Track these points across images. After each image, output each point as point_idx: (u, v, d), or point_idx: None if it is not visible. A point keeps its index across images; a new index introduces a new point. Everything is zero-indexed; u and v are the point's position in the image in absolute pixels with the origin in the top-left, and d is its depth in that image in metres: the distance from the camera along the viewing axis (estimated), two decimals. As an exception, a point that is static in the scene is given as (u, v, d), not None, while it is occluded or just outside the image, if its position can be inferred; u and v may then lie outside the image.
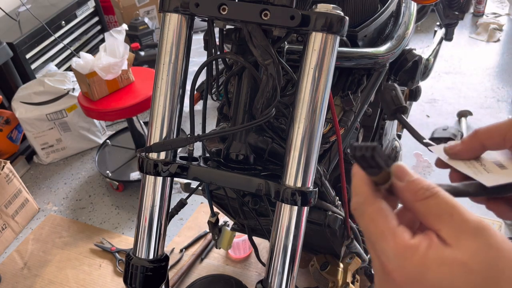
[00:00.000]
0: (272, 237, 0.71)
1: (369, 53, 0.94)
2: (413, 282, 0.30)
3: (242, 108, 0.76)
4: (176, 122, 0.73)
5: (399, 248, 0.31)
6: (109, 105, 1.99)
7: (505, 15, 3.33)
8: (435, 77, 2.74)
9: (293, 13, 0.63)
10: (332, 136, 0.90)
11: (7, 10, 2.52)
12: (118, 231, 2.02)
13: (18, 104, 2.28)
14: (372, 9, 1.04)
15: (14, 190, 2.03)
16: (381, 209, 0.33)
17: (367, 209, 0.33)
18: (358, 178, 0.35)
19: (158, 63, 0.71)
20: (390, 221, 0.32)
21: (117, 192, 2.22)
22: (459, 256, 0.30)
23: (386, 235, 0.32)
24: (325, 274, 1.18)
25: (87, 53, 2.04)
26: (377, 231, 0.33)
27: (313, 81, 0.65)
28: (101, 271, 1.83)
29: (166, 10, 0.69)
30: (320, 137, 0.68)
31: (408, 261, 0.31)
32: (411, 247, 0.31)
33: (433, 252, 0.30)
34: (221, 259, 1.81)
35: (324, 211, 0.96)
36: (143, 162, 0.73)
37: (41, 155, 2.44)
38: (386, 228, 0.32)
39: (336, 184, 1.06)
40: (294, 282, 0.72)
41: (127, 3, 3.08)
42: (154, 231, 0.76)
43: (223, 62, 0.80)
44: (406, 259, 0.31)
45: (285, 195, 0.68)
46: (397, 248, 0.31)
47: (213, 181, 0.75)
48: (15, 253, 1.96)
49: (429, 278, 0.30)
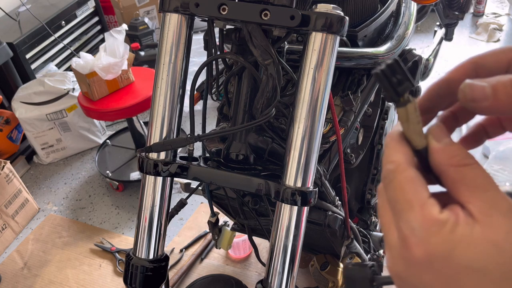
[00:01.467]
0: (272, 237, 0.71)
1: (369, 53, 0.94)
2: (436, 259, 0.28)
3: (242, 108, 0.76)
4: (176, 122, 0.73)
5: (426, 220, 0.28)
6: (109, 105, 1.99)
7: (505, 15, 3.33)
8: (435, 77, 2.73)
9: (293, 13, 0.63)
10: (332, 136, 0.90)
11: (7, 10, 2.52)
12: (118, 231, 2.02)
13: (18, 104, 2.28)
14: (372, 9, 1.04)
15: (14, 190, 2.03)
16: (412, 177, 0.30)
17: (397, 176, 0.31)
18: (392, 145, 0.32)
19: (158, 63, 0.71)
20: (421, 191, 0.30)
21: (117, 192, 2.22)
22: (490, 235, 0.27)
23: (414, 205, 0.29)
24: (325, 274, 1.18)
25: (87, 53, 2.04)
26: (404, 200, 0.30)
27: (313, 81, 0.65)
28: (101, 271, 1.83)
29: (166, 10, 0.69)
30: (320, 137, 0.68)
31: (434, 236, 0.28)
32: (439, 221, 0.28)
33: (461, 229, 0.28)
34: (221, 259, 1.81)
35: (324, 211, 0.96)
36: (143, 162, 0.73)
37: (41, 155, 2.44)
38: (415, 198, 0.30)
39: (336, 184, 1.06)
40: (294, 282, 0.72)
41: (127, 3, 3.08)
42: (154, 231, 0.76)
43: (223, 62, 0.80)
44: (432, 233, 0.28)
45: (285, 195, 0.68)
46: (424, 220, 0.29)
47: (213, 181, 0.75)
48: (15, 253, 1.96)
49: (456, 257, 0.27)
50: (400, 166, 0.31)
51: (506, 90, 0.30)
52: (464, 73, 0.34)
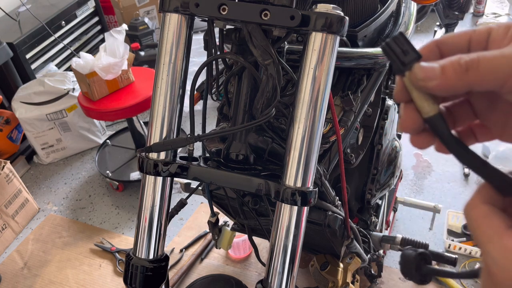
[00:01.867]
0: (272, 237, 0.71)
1: (369, 53, 0.94)
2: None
3: (242, 108, 0.76)
4: (176, 122, 0.73)
5: (504, 250, 0.30)
6: (109, 105, 1.99)
7: (505, 15, 3.33)
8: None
9: (293, 13, 0.63)
10: (332, 136, 0.90)
11: (7, 10, 2.52)
12: (118, 231, 2.02)
13: (18, 104, 2.28)
14: (372, 9, 1.04)
15: (14, 190, 2.03)
16: (486, 212, 0.32)
17: (470, 212, 0.32)
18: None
19: (158, 63, 0.71)
20: (497, 223, 0.31)
21: (117, 192, 2.22)
22: None
23: (492, 237, 0.31)
24: (325, 274, 1.18)
25: (87, 53, 2.04)
26: (482, 234, 0.31)
27: (313, 81, 0.65)
28: (101, 271, 1.84)
29: (166, 10, 0.69)
30: (320, 137, 0.68)
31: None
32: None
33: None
34: (221, 259, 1.81)
35: (324, 211, 0.96)
36: (143, 162, 0.73)
37: (41, 155, 2.44)
38: (491, 231, 0.31)
39: (336, 184, 1.06)
40: (294, 282, 0.72)
41: (127, 3, 3.08)
42: (154, 231, 0.76)
43: (223, 62, 0.80)
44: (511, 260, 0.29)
45: (285, 195, 0.68)
46: (502, 249, 0.30)
47: (213, 181, 0.75)
48: (15, 253, 1.96)
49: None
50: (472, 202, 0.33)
51: (453, 67, 0.31)
52: (428, 51, 0.35)
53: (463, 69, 0.31)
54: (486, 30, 0.34)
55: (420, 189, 2.03)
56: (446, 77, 0.31)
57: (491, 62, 0.30)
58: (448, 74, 0.31)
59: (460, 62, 0.31)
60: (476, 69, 0.30)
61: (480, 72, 0.30)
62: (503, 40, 0.33)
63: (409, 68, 0.32)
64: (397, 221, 1.89)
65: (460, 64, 0.31)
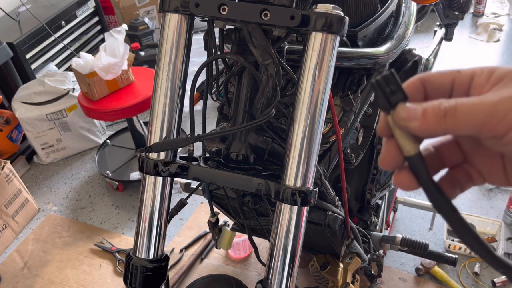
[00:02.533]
0: (272, 237, 0.71)
1: (369, 53, 0.94)
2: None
3: (242, 108, 0.76)
4: (176, 122, 0.73)
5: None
6: (109, 105, 1.99)
7: (505, 15, 3.33)
8: (435, 77, 2.73)
9: (293, 13, 0.63)
10: (332, 136, 0.90)
11: (7, 10, 2.52)
12: (118, 231, 2.02)
13: (18, 104, 2.28)
14: (372, 9, 1.04)
15: (14, 190, 2.03)
16: None
17: None
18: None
19: (158, 63, 0.71)
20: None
21: (117, 192, 2.22)
22: None
23: None
24: (325, 274, 1.18)
25: (87, 53, 2.04)
26: None
27: (313, 81, 0.65)
28: (101, 271, 1.84)
29: (166, 10, 0.69)
30: (320, 137, 0.68)
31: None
32: None
33: None
34: (221, 259, 1.81)
35: (324, 211, 0.96)
36: (143, 162, 0.73)
37: (41, 155, 2.44)
38: None
39: (336, 184, 1.06)
40: (294, 282, 0.72)
41: (127, 3, 3.08)
42: (154, 231, 0.76)
43: (223, 62, 0.80)
44: None
45: (285, 195, 0.68)
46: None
47: (213, 181, 0.75)
48: (15, 253, 1.96)
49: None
50: None
51: (433, 112, 0.32)
52: (412, 89, 0.36)
53: (441, 114, 0.32)
54: (470, 73, 0.35)
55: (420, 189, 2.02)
56: (426, 120, 0.32)
57: (468, 110, 0.31)
58: (428, 118, 0.32)
59: (440, 107, 0.32)
60: (453, 116, 0.32)
61: (457, 119, 0.31)
62: (484, 85, 0.34)
63: (394, 107, 0.33)
64: (397, 221, 1.89)
65: (439, 109, 0.32)
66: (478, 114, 0.31)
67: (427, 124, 0.32)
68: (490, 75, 0.34)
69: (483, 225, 1.80)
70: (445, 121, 0.32)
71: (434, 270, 1.65)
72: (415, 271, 1.68)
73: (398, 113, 0.33)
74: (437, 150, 0.38)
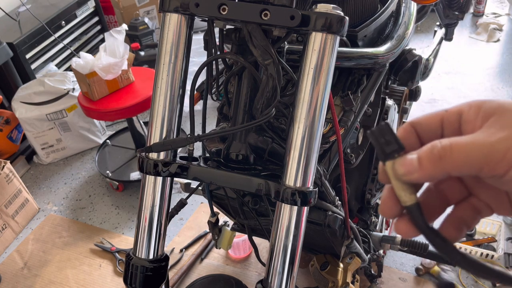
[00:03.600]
0: (272, 237, 0.71)
1: (369, 53, 0.94)
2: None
3: (242, 108, 0.76)
4: (176, 122, 0.73)
5: None
6: (109, 105, 1.99)
7: (505, 15, 3.33)
8: (435, 77, 2.74)
9: (293, 13, 0.63)
10: (332, 136, 0.90)
11: (7, 10, 2.52)
12: (118, 231, 2.02)
13: (18, 104, 2.28)
14: (372, 9, 1.04)
15: (14, 190, 2.03)
16: None
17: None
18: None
19: (158, 63, 0.71)
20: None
21: (117, 192, 2.22)
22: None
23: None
24: (325, 274, 1.18)
25: (87, 53, 2.04)
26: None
27: (313, 81, 0.65)
28: (101, 271, 1.84)
29: (166, 10, 0.69)
30: (320, 137, 0.68)
31: None
32: None
33: None
34: (221, 259, 1.81)
35: (324, 211, 0.96)
36: (143, 162, 0.73)
37: (41, 155, 2.44)
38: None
39: (336, 184, 1.06)
40: (294, 282, 0.72)
41: (127, 3, 3.08)
42: (154, 231, 0.76)
43: (223, 62, 0.80)
44: None
45: (285, 195, 0.68)
46: None
47: (213, 181, 0.75)
48: (15, 253, 1.96)
49: None
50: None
51: (428, 158, 0.32)
52: (405, 133, 0.36)
53: (436, 157, 0.32)
54: (457, 111, 0.35)
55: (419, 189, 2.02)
56: (423, 168, 0.32)
57: (464, 150, 0.31)
58: (425, 165, 0.32)
59: (433, 151, 0.32)
60: (450, 157, 0.32)
61: (454, 160, 0.31)
62: (475, 120, 0.34)
63: (391, 158, 0.34)
64: (397, 221, 1.89)
65: (433, 153, 0.32)
66: (476, 154, 0.31)
67: (425, 171, 0.32)
68: (478, 109, 0.34)
69: (483, 225, 1.80)
70: (442, 164, 0.32)
71: (434, 270, 1.65)
72: (415, 271, 1.68)
73: (396, 169, 0.33)
74: (439, 188, 0.38)
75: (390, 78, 1.16)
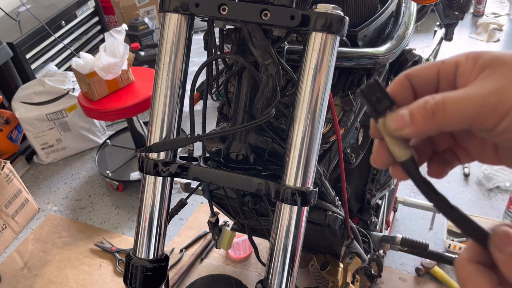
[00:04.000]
0: (272, 237, 0.71)
1: (369, 53, 0.94)
2: None
3: (242, 108, 0.76)
4: (176, 122, 0.73)
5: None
6: (109, 105, 1.99)
7: (505, 15, 3.33)
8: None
9: (293, 13, 0.63)
10: (332, 136, 0.90)
11: (7, 10, 2.52)
12: (118, 231, 2.02)
13: (18, 104, 2.28)
14: (372, 9, 1.04)
15: (14, 190, 2.03)
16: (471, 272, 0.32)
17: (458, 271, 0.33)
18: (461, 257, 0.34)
19: (158, 63, 0.71)
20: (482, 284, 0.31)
21: (117, 192, 2.22)
22: None
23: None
24: (325, 274, 1.18)
25: (87, 53, 2.04)
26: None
27: (313, 81, 0.65)
28: (101, 271, 1.84)
29: (166, 10, 0.69)
30: (320, 137, 0.68)
31: None
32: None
33: None
34: (221, 259, 1.81)
35: (324, 211, 0.96)
36: (143, 162, 0.73)
37: (41, 155, 2.44)
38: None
39: (336, 184, 1.06)
40: (294, 282, 0.72)
41: (127, 3, 3.08)
42: (154, 231, 0.76)
43: (223, 62, 0.80)
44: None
45: (285, 195, 0.68)
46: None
47: (213, 181, 0.75)
48: (15, 253, 1.96)
49: None
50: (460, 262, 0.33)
51: (421, 113, 0.32)
52: (399, 87, 0.35)
53: (429, 113, 0.31)
54: (454, 62, 0.34)
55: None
56: (416, 124, 0.32)
57: (456, 105, 0.31)
58: (417, 121, 0.32)
59: (426, 106, 0.32)
60: (442, 113, 0.31)
61: (446, 116, 0.31)
62: (471, 73, 0.33)
63: (383, 115, 0.34)
64: (397, 221, 1.90)
65: (426, 109, 0.32)
66: (468, 109, 0.31)
67: (418, 127, 0.32)
68: (475, 62, 0.33)
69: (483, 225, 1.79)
70: (435, 120, 0.31)
71: (434, 270, 1.65)
72: (415, 271, 1.68)
73: (387, 124, 0.33)
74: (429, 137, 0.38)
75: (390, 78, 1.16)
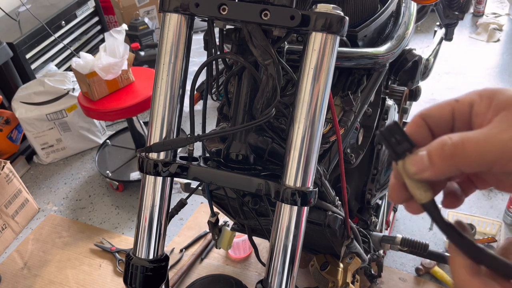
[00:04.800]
0: (272, 237, 0.71)
1: (369, 53, 0.94)
2: None
3: (242, 108, 0.76)
4: (176, 122, 0.73)
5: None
6: (109, 105, 1.99)
7: (505, 15, 3.33)
8: (435, 77, 2.74)
9: (293, 13, 0.63)
10: (332, 136, 0.90)
11: (7, 10, 2.52)
12: (118, 231, 2.02)
13: (18, 104, 2.28)
14: (372, 9, 1.04)
15: (14, 190, 2.03)
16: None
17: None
18: (455, 262, 0.33)
19: (158, 63, 0.71)
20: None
21: (117, 192, 2.22)
22: None
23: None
24: (325, 274, 1.18)
25: (87, 53, 2.04)
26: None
27: (313, 81, 0.65)
28: (101, 271, 1.84)
29: (166, 10, 0.69)
30: (320, 137, 0.68)
31: None
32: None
33: None
34: (221, 259, 1.81)
35: (324, 211, 0.96)
36: (143, 162, 0.73)
37: (41, 155, 2.44)
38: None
39: (336, 184, 1.06)
40: (294, 282, 0.72)
41: (127, 3, 3.08)
42: (154, 231, 0.76)
43: (223, 62, 0.80)
44: None
45: (285, 195, 0.68)
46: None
47: (213, 181, 0.75)
48: (15, 253, 1.96)
49: None
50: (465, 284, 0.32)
51: (438, 155, 0.32)
52: (416, 127, 0.35)
53: (448, 155, 0.31)
54: (468, 101, 0.34)
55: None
56: (435, 166, 0.32)
57: (476, 148, 0.31)
58: (436, 163, 0.32)
59: (444, 148, 0.32)
60: (462, 155, 0.31)
61: (467, 157, 0.31)
62: (486, 113, 0.33)
63: (402, 157, 0.34)
64: (397, 221, 1.89)
65: (444, 150, 0.32)
66: (489, 153, 0.30)
67: (437, 169, 0.32)
68: (490, 102, 0.33)
69: (483, 225, 1.80)
70: (454, 162, 0.31)
71: (434, 270, 1.65)
72: (415, 271, 1.68)
73: (407, 168, 0.33)
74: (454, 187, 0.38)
75: (390, 78, 1.16)
